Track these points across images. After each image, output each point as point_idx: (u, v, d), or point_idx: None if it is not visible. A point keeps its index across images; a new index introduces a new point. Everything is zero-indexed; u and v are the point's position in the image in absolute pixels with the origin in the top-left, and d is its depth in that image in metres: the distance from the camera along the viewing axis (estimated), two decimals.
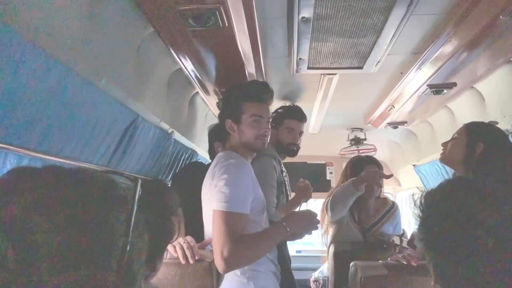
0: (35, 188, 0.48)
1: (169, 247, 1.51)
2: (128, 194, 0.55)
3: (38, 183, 0.49)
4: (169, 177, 2.29)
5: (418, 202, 0.73)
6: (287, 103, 2.40)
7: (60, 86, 1.07)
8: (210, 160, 2.38)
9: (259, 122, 1.60)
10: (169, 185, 1.32)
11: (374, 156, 2.54)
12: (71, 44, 1.06)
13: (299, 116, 2.29)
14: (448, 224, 0.66)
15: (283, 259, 1.93)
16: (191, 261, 1.48)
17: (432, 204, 0.70)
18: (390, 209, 2.40)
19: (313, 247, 4.63)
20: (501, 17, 1.27)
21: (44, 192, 0.48)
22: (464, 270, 0.64)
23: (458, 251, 0.65)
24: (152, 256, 1.06)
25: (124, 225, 0.51)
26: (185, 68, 1.78)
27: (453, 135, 1.66)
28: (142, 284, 0.56)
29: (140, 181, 0.57)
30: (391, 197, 3.21)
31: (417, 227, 0.74)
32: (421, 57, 1.73)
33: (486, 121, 1.71)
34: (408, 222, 4.18)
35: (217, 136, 2.22)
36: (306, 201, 2.31)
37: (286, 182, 2.26)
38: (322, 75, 2.01)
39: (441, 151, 1.68)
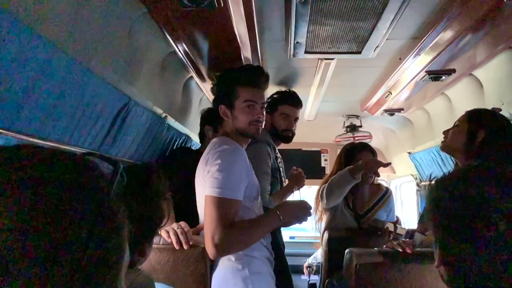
0: None
1: (163, 232, 1.50)
2: (102, 179, 0.48)
3: None
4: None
5: (433, 183, 0.73)
6: (283, 89, 2.36)
7: (48, 66, 1.02)
8: (200, 145, 2.36)
9: (253, 108, 1.57)
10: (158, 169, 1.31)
11: (369, 143, 2.53)
12: (59, 22, 1.01)
13: (294, 102, 2.26)
14: (462, 205, 0.66)
15: (277, 245, 1.92)
16: (185, 247, 1.47)
17: (449, 185, 0.70)
18: (384, 196, 2.42)
19: (307, 233, 4.66)
20: (505, 0, 1.24)
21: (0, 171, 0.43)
22: (472, 252, 0.64)
23: (469, 233, 0.65)
24: (141, 241, 1.04)
25: (92, 216, 0.44)
26: (179, 50, 1.73)
27: (455, 122, 1.64)
28: (122, 280, 0.50)
29: (121, 165, 0.51)
30: (385, 184, 3.21)
31: (427, 207, 0.73)
32: (420, 42, 1.69)
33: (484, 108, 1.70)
34: (402, 209, 4.22)
35: (208, 119, 2.20)
36: (299, 189, 2.30)
37: (281, 169, 2.25)
38: (319, 60, 1.97)
39: (442, 139, 1.67)
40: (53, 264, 0.40)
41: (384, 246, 1.54)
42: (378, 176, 2.18)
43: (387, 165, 2.06)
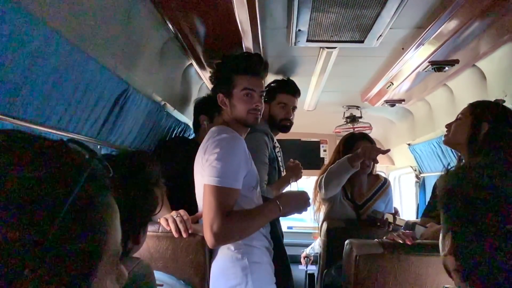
0: None
1: (162, 220, 1.49)
2: (73, 168, 0.43)
3: None
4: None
5: (453, 171, 0.71)
6: (283, 78, 2.33)
7: (46, 50, 1.00)
8: (194, 135, 2.33)
9: (251, 96, 1.55)
10: (152, 157, 1.29)
11: (369, 134, 2.52)
12: (56, 4, 0.98)
13: (292, 90, 2.23)
14: (486, 196, 0.64)
15: (276, 235, 1.92)
16: (184, 235, 1.47)
17: (473, 174, 0.68)
18: (382, 186, 2.41)
19: (305, 224, 4.68)
20: None
21: None
22: (489, 244, 0.63)
23: (489, 224, 0.63)
24: (135, 229, 1.03)
25: (54, 207, 0.40)
26: (179, 36, 1.70)
27: (457, 115, 1.62)
28: (104, 279, 0.46)
29: (96, 156, 0.46)
30: (383, 176, 3.21)
31: (442, 194, 0.72)
32: (424, 32, 1.67)
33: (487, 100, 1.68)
34: (400, 200, 4.23)
35: (203, 109, 2.16)
36: (296, 180, 2.29)
37: (279, 158, 2.23)
38: (321, 49, 1.94)
39: (444, 132, 1.65)
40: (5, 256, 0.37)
41: (384, 237, 1.53)
42: (377, 162, 2.16)
43: (386, 151, 2.04)
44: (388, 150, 2.08)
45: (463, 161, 1.59)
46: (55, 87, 1.11)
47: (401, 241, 1.43)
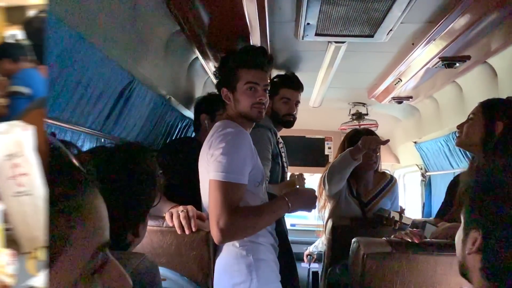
0: None
1: (166, 215, 1.47)
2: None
3: None
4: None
5: (487, 167, 0.69)
6: (289, 73, 2.30)
7: (49, 39, 0.97)
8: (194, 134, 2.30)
9: (255, 90, 1.52)
10: (147, 149, 1.25)
11: (375, 131, 2.48)
12: None
13: (295, 85, 2.20)
14: None
15: (281, 232, 1.90)
16: (187, 232, 1.44)
17: (504, 172, 0.65)
18: (388, 183, 2.38)
19: (308, 221, 4.65)
20: None
21: None
22: None
23: None
24: (134, 221, 1.01)
25: None
26: (185, 29, 1.68)
27: (469, 115, 1.57)
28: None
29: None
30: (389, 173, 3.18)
31: (473, 190, 0.69)
32: (436, 27, 1.63)
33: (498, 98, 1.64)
34: (404, 199, 4.19)
35: (204, 108, 2.12)
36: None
37: (283, 154, 2.21)
38: (329, 43, 1.90)
39: (454, 132, 1.61)
40: None
41: (392, 236, 1.50)
42: (376, 153, 2.13)
43: (385, 142, 2.02)
44: (388, 141, 2.06)
45: (477, 161, 1.55)
46: (58, 77, 1.08)
47: (409, 240, 1.40)
